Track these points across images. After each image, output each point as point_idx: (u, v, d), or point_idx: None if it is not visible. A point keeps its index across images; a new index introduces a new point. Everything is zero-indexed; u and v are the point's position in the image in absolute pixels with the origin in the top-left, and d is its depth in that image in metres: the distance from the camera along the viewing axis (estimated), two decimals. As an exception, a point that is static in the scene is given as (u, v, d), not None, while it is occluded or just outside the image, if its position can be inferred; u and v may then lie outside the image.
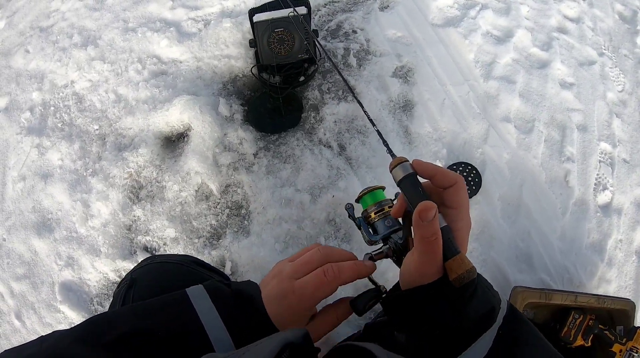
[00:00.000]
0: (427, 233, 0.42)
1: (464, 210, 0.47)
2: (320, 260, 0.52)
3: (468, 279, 0.43)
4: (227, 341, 0.47)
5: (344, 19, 1.57)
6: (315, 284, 0.50)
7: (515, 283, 1.20)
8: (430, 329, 0.45)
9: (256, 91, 1.44)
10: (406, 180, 0.48)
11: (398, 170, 0.48)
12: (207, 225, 1.28)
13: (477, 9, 1.61)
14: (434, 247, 0.43)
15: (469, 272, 0.42)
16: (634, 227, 1.38)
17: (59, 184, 1.38)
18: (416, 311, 0.46)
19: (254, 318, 0.50)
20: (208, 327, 0.47)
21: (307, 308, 0.50)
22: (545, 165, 1.38)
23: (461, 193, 0.46)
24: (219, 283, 0.53)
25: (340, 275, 0.50)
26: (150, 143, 1.36)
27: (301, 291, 0.49)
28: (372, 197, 0.56)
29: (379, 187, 0.57)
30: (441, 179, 0.47)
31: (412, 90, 1.43)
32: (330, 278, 0.50)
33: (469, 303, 0.44)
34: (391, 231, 0.54)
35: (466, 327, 0.44)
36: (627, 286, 1.31)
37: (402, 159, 0.49)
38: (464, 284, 0.43)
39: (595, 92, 1.55)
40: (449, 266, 0.43)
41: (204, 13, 1.59)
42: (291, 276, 0.51)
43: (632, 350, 1.07)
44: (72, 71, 1.55)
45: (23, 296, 1.31)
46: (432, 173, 0.47)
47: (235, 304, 0.50)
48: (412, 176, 0.48)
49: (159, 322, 0.47)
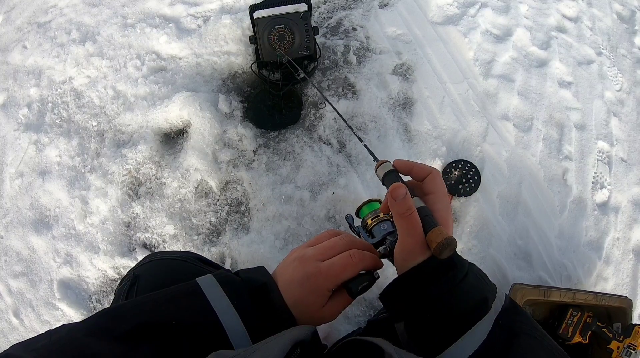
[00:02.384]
0: (402, 209, 0.47)
1: (440, 194, 0.52)
2: (345, 245, 0.55)
3: (447, 247, 0.45)
4: (240, 329, 0.47)
5: (343, 16, 1.57)
6: (343, 265, 0.52)
7: (513, 280, 1.20)
8: (424, 311, 0.46)
9: (256, 88, 1.44)
10: (387, 176, 0.55)
11: (380, 170, 0.56)
12: (206, 222, 1.28)
13: (477, 8, 1.61)
14: (411, 221, 0.47)
15: (447, 240, 0.45)
16: (631, 225, 1.39)
17: (57, 181, 1.37)
18: (408, 293, 0.48)
19: (267, 305, 0.50)
20: (221, 315, 0.47)
21: (329, 288, 0.52)
22: (544, 163, 1.39)
23: (436, 180, 0.52)
24: (229, 273, 0.54)
25: (364, 260, 0.53)
26: (150, 140, 1.35)
27: (328, 272, 0.51)
28: (369, 207, 0.61)
29: (376, 199, 0.62)
30: (418, 172, 0.53)
31: (411, 88, 1.44)
32: (356, 261, 0.52)
33: (460, 285, 0.46)
34: (386, 234, 0.58)
35: (459, 311, 0.45)
36: (624, 283, 1.32)
37: (384, 161, 0.57)
38: (450, 259, 0.46)
39: (593, 91, 1.56)
40: (429, 239, 0.47)
41: (204, 9, 1.58)
42: (317, 259, 0.53)
43: (629, 347, 1.07)
44: (70, 67, 1.54)
45: (21, 293, 1.30)
46: (409, 167, 0.54)
47: (247, 292, 0.50)
48: (392, 173, 0.55)
49: (172, 312, 0.47)
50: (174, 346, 0.44)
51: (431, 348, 0.45)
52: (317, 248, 0.54)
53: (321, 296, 0.52)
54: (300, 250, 0.55)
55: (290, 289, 0.51)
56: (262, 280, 0.52)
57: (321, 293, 0.52)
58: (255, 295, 0.50)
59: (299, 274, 0.52)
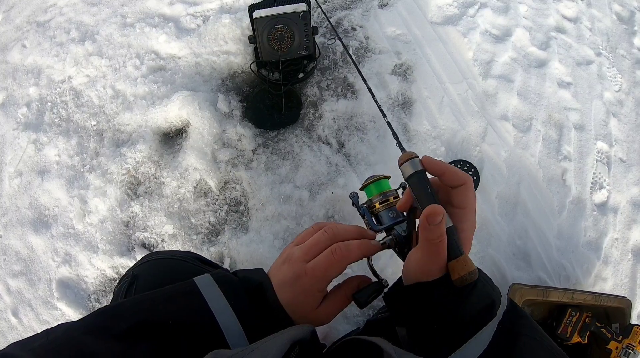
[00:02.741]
0: (433, 236, 0.43)
1: (470, 211, 0.47)
2: (328, 240, 0.52)
3: (470, 280, 0.43)
4: (237, 329, 0.47)
5: (343, 16, 1.57)
6: (326, 265, 0.50)
7: (512, 281, 1.20)
8: (430, 323, 0.46)
9: (255, 88, 1.44)
10: (415, 177, 0.48)
11: (407, 166, 0.49)
12: (205, 222, 1.28)
13: (476, 8, 1.61)
14: (439, 249, 0.43)
15: (471, 274, 0.43)
16: (629, 226, 1.39)
17: (56, 181, 1.37)
18: (417, 306, 0.47)
19: (264, 304, 0.50)
20: (218, 315, 0.47)
21: (319, 289, 0.51)
22: (543, 163, 1.39)
23: (469, 193, 0.47)
24: (227, 273, 0.54)
25: (348, 254, 0.51)
26: (149, 139, 1.35)
27: (313, 273, 0.50)
28: (378, 187, 0.56)
29: (385, 177, 0.57)
30: (450, 178, 0.47)
31: (411, 88, 1.44)
32: (338, 258, 0.50)
33: (468, 298, 0.45)
34: (395, 223, 0.54)
35: (466, 320, 0.44)
36: (622, 284, 1.32)
37: (412, 155, 0.49)
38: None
39: (592, 92, 1.56)
40: (452, 267, 0.44)
41: (203, 9, 1.58)
42: (302, 260, 0.51)
43: (628, 347, 1.08)
44: (70, 66, 1.54)
45: (20, 293, 1.30)
46: (442, 171, 0.47)
47: (243, 292, 0.50)
48: (421, 173, 0.48)
49: (169, 311, 0.47)
50: (172, 345, 0.44)
51: (434, 354, 0.45)
52: (301, 248, 0.53)
53: (313, 297, 0.51)
54: (289, 250, 0.54)
55: (283, 290, 0.50)
56: (258, 280, 0.52)
57: (312, 294, 0.51)
58: (252, 294, 0.50)
59: (288, 275, 0.51)
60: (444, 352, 0.44)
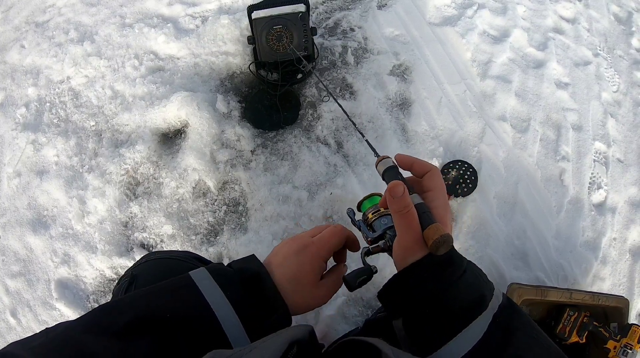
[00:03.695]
0: (399, 206, 0.47)
1: (438, 191, 0.53)
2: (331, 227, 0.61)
3: (443, 244, 0.46)
4: (234, 320, 0.48)
5: (341, 16, 1.57)
6: (330, 232, 0.59)
7: (511, 280, 1.21)
8: (421, 307, 0.47)
9: (254, 88, 1.44)
10: (387, 173, 0.56)
11: (381, 165, 0.58)
12: (204, 222, 1.28)
13: (474, 9, 1.62)
14: (408, 218, 0.47)
15: (443, 237, 0.45)
16: (627, 226, 1.40)
17: (54, 181, 1.37)
18: (406, 289, 0.48)
19: (260, 293, 0.51)
20: (215, 307, 0.48)
21: (324, 256, 0.58)
22: (541, 164, 1.39)
23: (435, 177, 0.53)
24: (221, 265, 0.55)
25: (345, 230, 0.60)
26: (147, 140, 1.35)
27: (319, 241, 0.58)
28: (371, 201, 0.62)
29: (377, 193, 0.63)
30: (418, 168, 0.55)
31: (409, 88, 1.44)
32: (340, 228, 0.60)
33: (457, 282, 0.46)
34: (386, 228, 0.58)
35: (457, 308, 0.46)
36: (620, 284, 1.33)
37: (385, 157, 0.58)
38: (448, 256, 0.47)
39: (590, 93, 1.56)
40: (426, 235, 0.47)
41: (202, 9, 1.58)
42: (309, 235, 0.59)
43: (626, 346, 1.08)
44: (68, 66, 1.54)
45: (18, 293, 1.30)
46: (410, 162, 0.55)
47: (239, 283, 0.52)
48: (392, 169, 0.56)
49: (166, 305, 0.47)
50: (170, 339, 0.44)
51: (428, 345, 0.46)
52: (306, 231, 0.61)
53: (318, 266, 0.57)
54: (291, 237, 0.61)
55: (287, 263, 0.55)
56: (254, 269, 0.53)
57: (317, 262, 0.56)
58: (247, 284, 0.52)
59: (294, 246, 0.57)
60: (437, 343, 0.45)
